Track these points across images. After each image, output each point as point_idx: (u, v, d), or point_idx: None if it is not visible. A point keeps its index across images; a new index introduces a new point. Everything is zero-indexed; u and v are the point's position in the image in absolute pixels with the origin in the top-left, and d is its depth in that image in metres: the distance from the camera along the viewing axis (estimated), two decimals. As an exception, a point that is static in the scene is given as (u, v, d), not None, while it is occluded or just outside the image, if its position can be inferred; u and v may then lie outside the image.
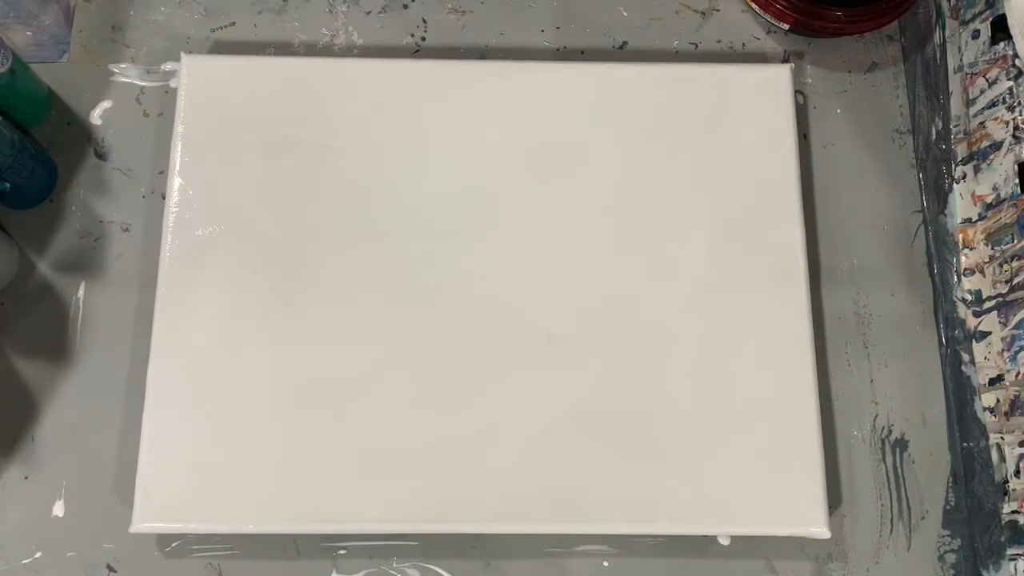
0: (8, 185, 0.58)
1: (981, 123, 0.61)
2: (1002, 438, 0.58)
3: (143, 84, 0.65)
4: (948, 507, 0.60)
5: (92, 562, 0.57)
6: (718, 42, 0.68)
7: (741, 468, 0.56)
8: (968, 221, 0.62)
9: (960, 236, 0.63)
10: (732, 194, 0.61)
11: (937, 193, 0.65)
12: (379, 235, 0.59)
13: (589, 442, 0.56)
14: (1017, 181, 0.58)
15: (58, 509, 0.57)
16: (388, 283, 0.59)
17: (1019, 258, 0.57)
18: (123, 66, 0.66)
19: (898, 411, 0.61)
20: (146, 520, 0.54)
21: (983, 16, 0.61)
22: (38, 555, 0.57)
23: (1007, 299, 0.58)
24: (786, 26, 0.65)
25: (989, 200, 0.60)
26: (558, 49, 0.67)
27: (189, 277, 0.58)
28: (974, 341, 0.61)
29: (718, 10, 0.68)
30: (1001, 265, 0.59)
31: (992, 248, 0.60)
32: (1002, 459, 0.58)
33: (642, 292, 0.59)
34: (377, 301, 0.58)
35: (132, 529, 0.54)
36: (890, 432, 0.61)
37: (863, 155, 0.66)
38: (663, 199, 0.61)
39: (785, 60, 0.67)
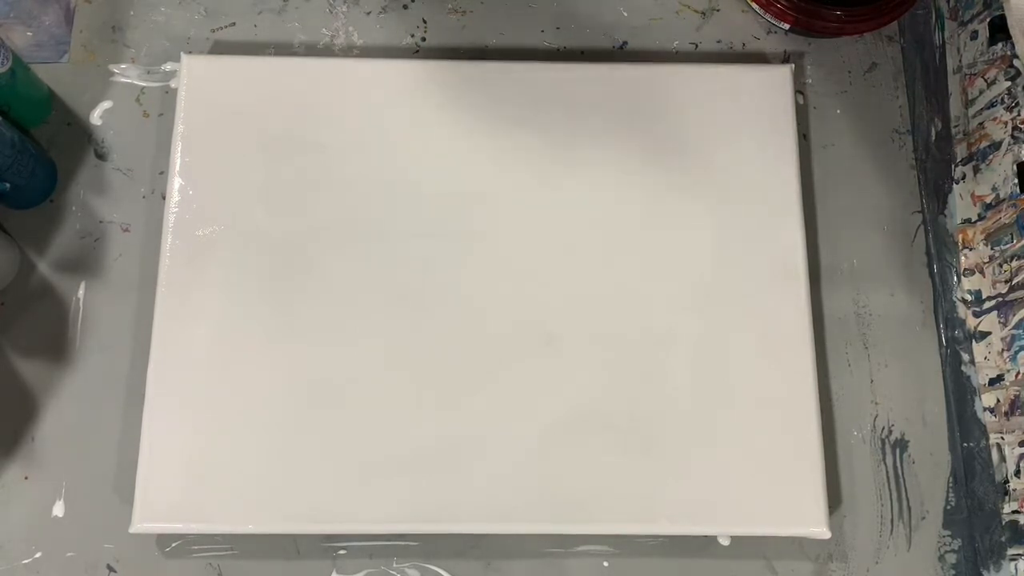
0: (8, 185, 0.58)
1: (980, 124, 0.61)
2: (1002, 438, 0.58)
3: (143, 84, 0.65)
4: (948, 507, 0.60)
5: (92, 562, 0.57)
6: (718, 42, 0.68)
7: (741, 468, 0.56)
8: (968, 221, 0.62)
9: (960, 236, 0.63)
10: (732, 194, 0.61)
11: (937, 193, 0.65)
12: (379, 235, 0.60)
13: (589, 442, 0.56)
14: (1016, 181, 0.58)
15: (58, 509, 0.57)
16: (388, 283, 0.59)
17: (1019, 258, 0.57)
18: (123, 66, 0.66)
19: (898, 411, 0.61)
20: (146, 520, 0.54)
21: (981, 17, 0.61)
22: (38, 555, 0.57)
23: (1007, 299, 0.58)
24: (786, 26, 0.65)
25: (988, 200, 0.60)
26: (558, 49, 0.67)
27: (189, 277, 0.58)
28: (974, 341, 0.61)
29: (718, 10, 0.68)
30: (1001, 265, 0.59)
31: (992, 248, 0.60)
32: (1002, 459, 0.58)
33: (642, 292, 0.59)
34: (377, 301, 0.58)
35: (132, 529, 0.54)
36: (890, 432, 0.61)
37: (863, 155, 0.66)
38: (663, 199, 0.61)
39: (785, 60, 0.67)
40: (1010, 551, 0.56)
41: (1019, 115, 0.58)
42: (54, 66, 0.65)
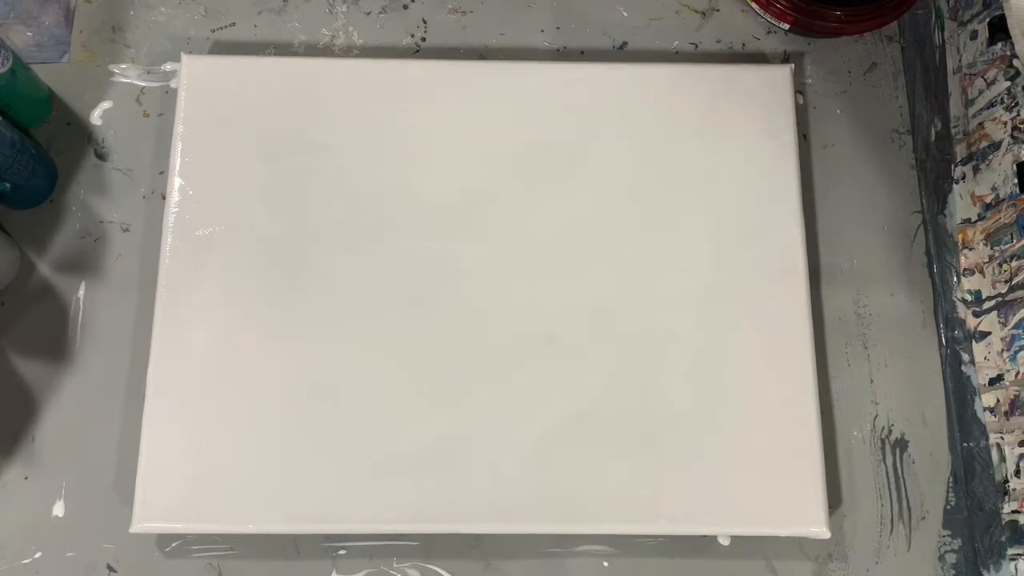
0: (8, 185, 0.58)
1: (980, 123, 0.61)
2: (1002, 438, 0.58)
3: (143, 84, 0.66)
4: (948, 507, 0.60)
5: (92, 562, 0.57)
6: (718, 42, 0.68)
7: (741, 468, 0.56)
8: (967, 221, 0.62)
9: (960, 236, 0.63)
10: (732, 194, 0.61)
11: (937, 193, 0.65)
12: (379, 235, 0.59)
13: (589, 442, 0.56)
14: (1016, 181, 0.58)
15: (58, 509, 0.57)
16: (388, 283, 0.59)
17: (1018, 258, 0.57)
18: (123, 66, 0.66)
19: (898, 411, 0.61)
20: (146, 520, 0.54)
21: (981, 17, 0.61)
22: (38, 555, 0.57)
23: (1007, 299, 0.58)
24: (786, 26, 0.65)
25: (988, 200, 0.60)
26: (558, 49, 0.67)
27: (189, 277, 0.58)
28: (974, 341, 0.61)
29: (718, 10, 0.68)
30: (1000, 265, 0.59)
31: (991, 248, 0.60)
32: (1002, 459, 0.58)
33: (642, 292, 0.59)
34: (377, 301, 0.58)
35: (132, 529, 0.54)
36: (890, 432, 0.61)
37: (863, 155, 0.66)
38: (663, 199, 0.61)
39: (785, 60, 0.67)
40: (1010, 551, 0.56)
41: (1019, 115, 0.58)
42: (54, 66, 0.65)
